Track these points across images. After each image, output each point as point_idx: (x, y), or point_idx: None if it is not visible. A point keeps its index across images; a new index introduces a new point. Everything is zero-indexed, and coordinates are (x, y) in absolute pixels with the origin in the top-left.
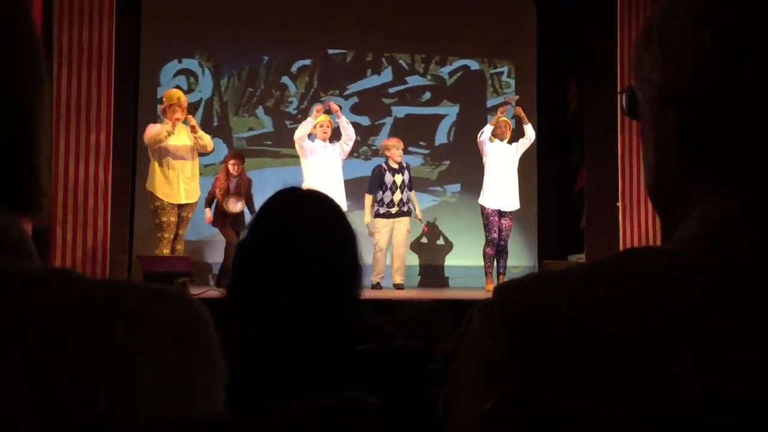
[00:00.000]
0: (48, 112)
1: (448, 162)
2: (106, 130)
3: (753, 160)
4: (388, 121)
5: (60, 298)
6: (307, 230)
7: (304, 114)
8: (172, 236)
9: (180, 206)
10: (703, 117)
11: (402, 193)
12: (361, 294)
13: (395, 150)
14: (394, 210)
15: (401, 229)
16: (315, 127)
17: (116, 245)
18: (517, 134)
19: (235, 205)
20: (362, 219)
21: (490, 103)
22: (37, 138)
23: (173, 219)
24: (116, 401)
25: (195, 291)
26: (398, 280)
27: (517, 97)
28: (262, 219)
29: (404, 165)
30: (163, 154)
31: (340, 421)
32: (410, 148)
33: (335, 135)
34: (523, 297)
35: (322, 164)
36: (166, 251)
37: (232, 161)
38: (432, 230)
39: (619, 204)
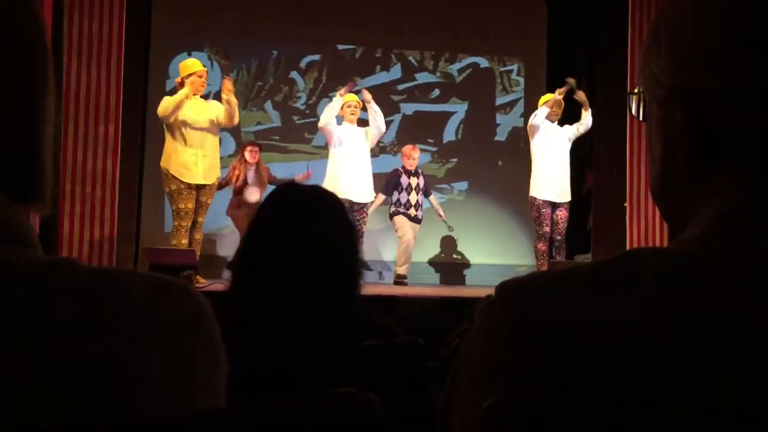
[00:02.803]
0: (53, 102)
1: (455, 160)
2: (114, 122)
3: (763, 158)
4: (397, 118)
5: (61, 288)
6: (309, 227)
7: (312, 109)
8: (189, 224)
9: (199, 189)
10: (711, 116)
11: (417, 194)
12: (361, 289)
13: (406, 159)
14: (411, 213)
15: (413, 234)
16: (342, 107)
17: (123, 238)
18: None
19: (254, 195)
20: (385, 216)
21: (499, 101)
22: (41, 128)
23: (191, 206)
24: (118, 393)
25: (198, 284)
26: (402, 271)
27: (573, 80)
28: (263, 215)
29: (419, 171)
30: (180, 129)
31: (340, 419)
32: (418, 146)
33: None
34: (524, 297)
35: (351, 153)
36: (185, 241)
37: (249, 148)
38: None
39: (627, 204)
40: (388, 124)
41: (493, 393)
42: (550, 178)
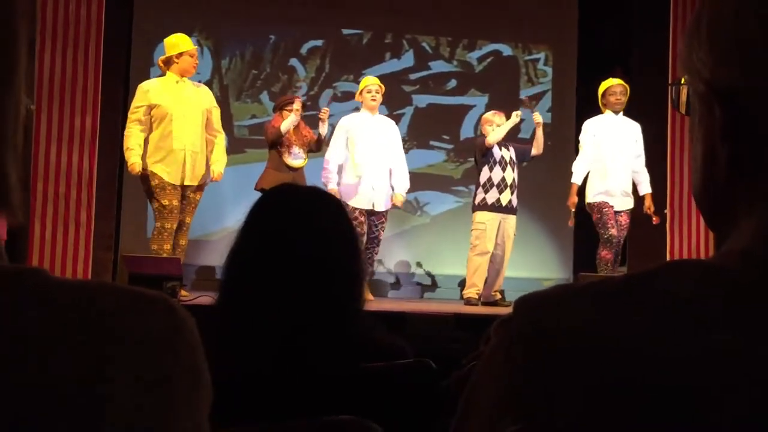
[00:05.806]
0: (17, 98)
1: (474, 158)
2: (92, 114)
3: None
4: (408, 111)
5: (24, 301)
6: (304, 233)
7: (314, 101)
8: (174, 226)
9: (185, 188)
10: (752, 116)
11: (513, 171)
12: (364, 304)
13: (487, 126)
14: (504, 198)
15: (509, 233)
16: (361, 93)
17: (100, 243)
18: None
19: (298, 159)
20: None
21: (523, 94)
22: (2, 130)
23: (175, 203)
24: (84, 418)
25: (183, 297)
26: (471, 294)
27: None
28: (255, 219)
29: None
30: (162, 120)
31: None
32: (432, 142)
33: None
34: (545, 312)
35: (373, 148)
36: (167, 247)
37: (294, 105)
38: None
39: (667, 211)
40: (398, 117)
41: (512, 418)
42: (609, 181)
